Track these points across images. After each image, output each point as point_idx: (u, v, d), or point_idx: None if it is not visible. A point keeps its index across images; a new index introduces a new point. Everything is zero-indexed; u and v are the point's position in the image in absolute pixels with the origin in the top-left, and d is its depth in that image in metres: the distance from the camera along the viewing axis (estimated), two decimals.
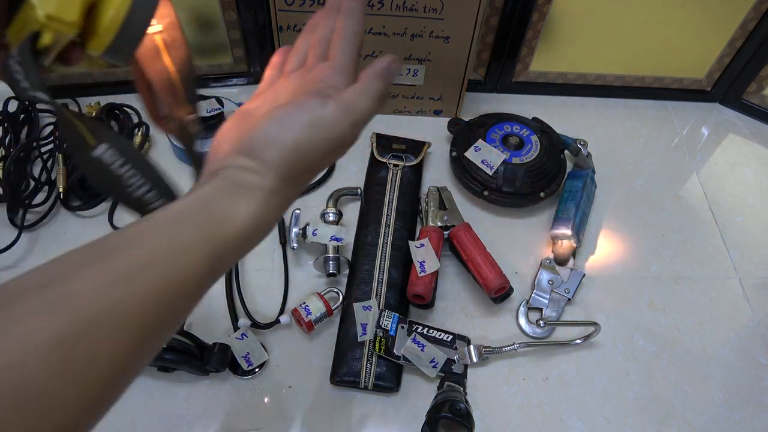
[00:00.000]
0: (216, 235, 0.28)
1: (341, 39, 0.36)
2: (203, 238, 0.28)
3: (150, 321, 0.25)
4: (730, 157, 0.80)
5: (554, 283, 0.64)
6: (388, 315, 0.59)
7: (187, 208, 0.29)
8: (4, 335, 0.21)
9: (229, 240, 0.29)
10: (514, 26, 0.74)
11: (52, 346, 0.22)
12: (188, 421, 0.55)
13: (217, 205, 0.29)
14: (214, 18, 0.73)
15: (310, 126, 0.31)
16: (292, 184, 0.32)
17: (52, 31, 0.30)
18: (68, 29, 0.30)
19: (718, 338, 0.63)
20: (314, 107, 0.31)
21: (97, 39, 0.32)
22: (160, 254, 0.26)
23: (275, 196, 0.31)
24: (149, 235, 0.27)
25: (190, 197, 0.30)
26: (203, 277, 0.28)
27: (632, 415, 0.58)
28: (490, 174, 0.68)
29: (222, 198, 0.30)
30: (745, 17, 0.73)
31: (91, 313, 0.23)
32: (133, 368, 0.25)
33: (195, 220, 0.28)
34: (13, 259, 0.64)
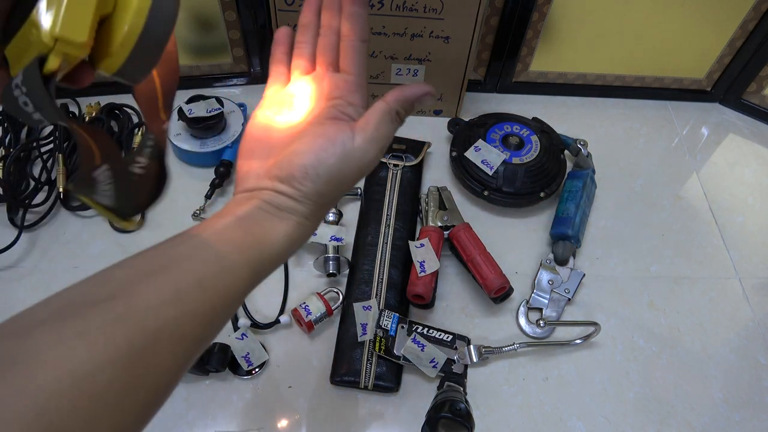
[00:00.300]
0: (256, 256, 0.31)
1: (351, 49, 0.37)
2: (245, 259, 0.30)
3: (200, 333, 0.28)
4: (730, 157, 0.80)
5: (554, 283, 0.64)
6: (388, 315, 0.59)
7: (231, 229, 0.31)
8: (79, 345, 0.22)
9: (266, 259, 0.31)
10: (514, 26, 0.74)
11: (123, 359, 0.23)
12: (188, 421, 0.55)
13: (258, 228, 0.32)
14: (214, 18, 0.73)
15: (343, 159, 0.33)
16: (324, 207, 0.35)
17: (59, 54, 0.26)
18: (78, 51, 0.27)
19: (718, 338, 0.63)
20: (345, 141, 0.33)
21: (110, 59, 0.29)
22: (209, 274, 0.28)
23: (309, 219, 0.34)
24: (199, 254, 0.29)
25: (232, 216, 0.32)
26: (244, 292, 0.31)
27: (632, 415, 0.58)
28: (490, 174, 0.68)
29: (262, 221, 0.32)
30: (745, 17, 0.73)
31: (154, 328, 0.25)
32: (182, 376, 0.28)
33: (238, 242, 0.30)
34: (13, 259, 0.64)
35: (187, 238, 0.30)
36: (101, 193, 0.32)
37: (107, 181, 0.32)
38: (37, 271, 0.64)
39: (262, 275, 0.32)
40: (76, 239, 0.66)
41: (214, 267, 0.29)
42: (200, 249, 0.29)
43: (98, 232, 0.67)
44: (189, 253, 0.29)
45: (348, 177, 0.34)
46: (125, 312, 0.24)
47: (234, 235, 0.31)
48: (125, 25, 0.28)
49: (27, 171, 0.69)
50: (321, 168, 0.33)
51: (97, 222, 0.68)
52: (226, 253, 0.30)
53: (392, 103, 0.35)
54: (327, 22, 0.38)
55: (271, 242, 0.32)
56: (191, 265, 0.28)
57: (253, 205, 0.32)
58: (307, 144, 0.34)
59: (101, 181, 0.31)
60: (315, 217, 0.34)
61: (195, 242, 0.30)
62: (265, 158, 0.35)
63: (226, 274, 0.29)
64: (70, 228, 0.67)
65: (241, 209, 0.32)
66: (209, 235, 0.30)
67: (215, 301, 0.28)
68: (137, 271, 0.27)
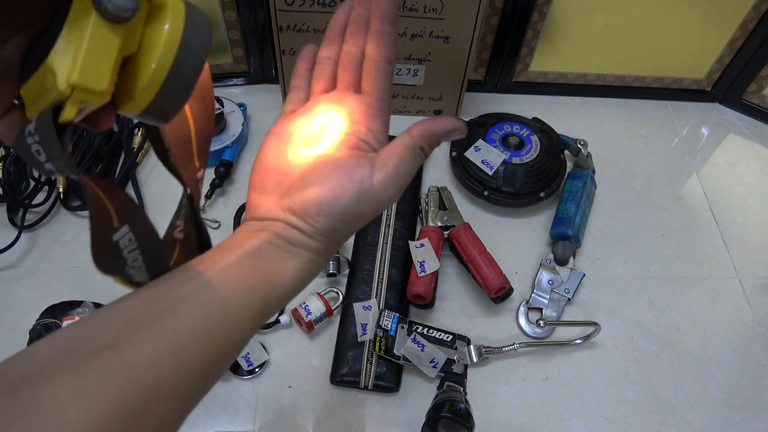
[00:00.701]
0: (264, 296, 0.29)
1: (376, 71, 0.34)
2: (252, 300, 0.28)
3: (200, 385, 0.26)
4: (730, 157, 0.80)
5: (554, 283, 0.64)
6: (388, 315, 0.59)
7: (239, 266, 0.29)
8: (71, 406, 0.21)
9: (274, 298, 0.30)
10: (514, 26, 0.74)
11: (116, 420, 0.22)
12: (188, 421, 0.55)
13: (268, 265, 0.30)
14: (214, 18, 0.73)
15: (360, 196, 0.31)
16: (337, 243, 0.33)
17: (76, 102, 0.24)
18: (97, 100, 0.24)
19: (718, 338, 0.63)
20: (363, 178, 0.31)
21: (133, 101, 0.26)
22: (213, 319, 0.27)
23: (321, 255, 0.32)
24: (203, 295, 0.27)
25: (241, 251, 0.29)
26: (247, 336, 0.29)
27: (632, 415, 0.58)
28: (490, 174, 0.68)
29: (272, 257, 0.30)
30: (745, 17, 0.73)
31: (151, 382, 0.24)
32: (184, 419, 0.27)
33: (246, 281, 0.29)
34: (13, 259, 0.64)
35: (191, 276, 0.28)
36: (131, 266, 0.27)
37: (132, 247, 0.27)
38: (37, 271, 0.64)
39: (267, 316, 0.30)
40: (76, 239, 0.66)
41: (218, 311, 0.27)
42: (205, 289, 0.27)
43: None
44: (192, 294, 0.27)
45: (364, 215, 0.31)
46: (123, 365, 0.23)
47: (242, 273, 0.29)
48: (151, 66, 0.25)
49: (27, 171, 0.69)
50: (336, 205, 0.30)
51: None
52: (233, 294, 0.28)
53: (417, 138, 0.32)
54: (352, 39, 0.35)
55: (281, 280, 0.30)
56: (194, 310, 0.26)
57: (263, 238, 0.30)
58: (323, 177, 0.31)
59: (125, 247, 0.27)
60: (327, 252, 0.32)
61: (199, 281, 0.28)
62: (277, 187, 0.33)
63: (230, 318, 0.27)
64: (70, 228, 0.67)
65: (251, 243, 0.30)
66: (216, 272, 0.28)
67: (217, 349, 0.27)
68: (138, 316, 0.25)
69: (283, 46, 0.70)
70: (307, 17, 0.67)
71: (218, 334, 0.27)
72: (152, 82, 0.25)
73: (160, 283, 0.27)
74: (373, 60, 0.34)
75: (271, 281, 0.30)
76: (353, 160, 0.32)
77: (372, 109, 0.34)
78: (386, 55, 0.34)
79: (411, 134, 0.32)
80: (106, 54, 0.24)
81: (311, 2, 0.65)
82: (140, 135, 0.73)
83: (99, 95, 0.24)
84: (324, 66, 0.36)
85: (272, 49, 0.75)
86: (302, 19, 0.67)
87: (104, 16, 0.23)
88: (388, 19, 0.33)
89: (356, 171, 0.31)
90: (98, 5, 0.23)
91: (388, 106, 0.35)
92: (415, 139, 0.32)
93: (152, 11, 0.25)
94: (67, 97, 0.23)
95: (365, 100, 0.34)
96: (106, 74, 0.24)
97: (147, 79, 0.25)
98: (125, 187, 0.70)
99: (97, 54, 0.23)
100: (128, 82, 0.26)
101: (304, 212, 0.31)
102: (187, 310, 0.26)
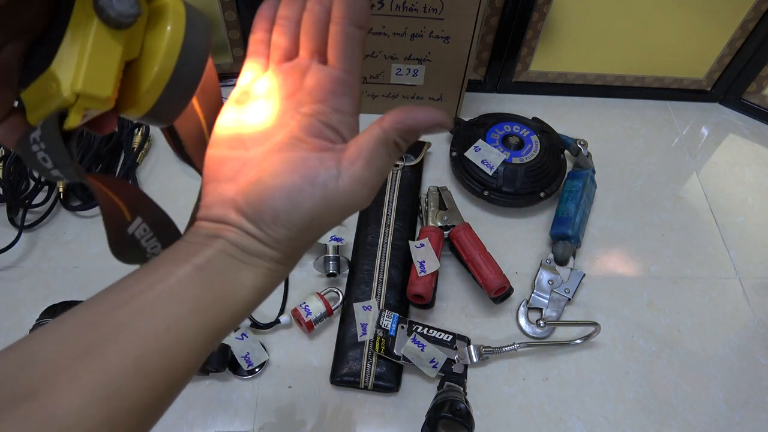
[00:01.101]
0: (215, 316, 0.25)
1: (343, 36, 0.28)
2: (202, 323, 0.25)
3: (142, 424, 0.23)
4: (730, 157, 0.80)
5: (554, 283, 0.64)
6: (388, 315, 0.59)
7: (187, 284, 0.25)
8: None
9: (227, 318, 0.26)
10: (514, 26, 0.74)
11: None
12: (188, 421, 0.55)
13: (221, 280, 0.26)
14: (214, 18, 0.73)
15: (324, 203, 0.26)
16: (300, 250, 0.29)
17: (81, 109, 0.24)
18: (101, 106, 0.24)
19: (718, 338, 0.63)
20: (328, 181, 0.26)
21: (135, 105, 0.26)
22: (154, 350, 0.23)
23: (282, 264, 0.28)
24: (143, 322, 0.23)
25: (190, 266, 0.25)
26: (196, 365, 0.25)
27: (632, 415, 0.58)
28: (490, 174, 0.68)
29: (226, 270, 0.26)
30: (745, 17, 0.73)
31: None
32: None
33: (194, 303, 0.25)
34: (13, 259, 0.64)
35: (129, 297, 0.24)
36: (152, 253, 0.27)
37: (149, 236, 0.27)
38: (37, 271, 0.64)
39: (219, 338, 0.26)
40: (76, 239, 0.66)
41: (160, 340, 0.23)
42: (145, 315, 0.24)
43: (98, 232, 0.67)
44: (130, 320, 0.23)
45: (329, 222, 0.27)
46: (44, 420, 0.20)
47: (190, 292, 0.25)
48: (153, 70, 0.25)
49: (27, 171, 0.69)
50: (295, 213, 0.26)
51: (97, 222, 0.68)
52: (179, 317, 0.24)
53: (390, 131, 0.26)
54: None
55: (236, 297, 0.26)
56: (131, 341, 0.23)
57: (215, 248, 0.26)
58: (279, 179, 0.26)
59: (142, 237, 0.27)
60: (289, 260, 0.28)
61: (139, 304, 0.24)
62: (231, 180, 0.28)
63: (175, 347, 0.24)
64: (70, 228, 0.67)
65: (202, 253, 0.26)
66: (159, 292, 0.24)
67: (159, 386, 0.23)
68: (67, 350, 0.22)
69: None
70: None
71: (161, 368, 0.23)
72: (155, 86, 0.25)
73: (93, 304, 0.24)
74: (340, 23, 0.28)
75: (224, 299, 0.26)
76: (315, 156, 0.27)
77: (338, 85, 0.28)
78: (356, 16, 0.28)
79: (383, 125, 0.27)
80: (109, 61, 0.24)
81: None
82: (140, 135, 0.73)
83: (103, 102, 0.24)
84: (284, 27, 0.30)
85: None
86: None
87: (106, 22, 0.23)
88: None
89: (319, 173, 0.26)
90: (100, 12, 0.22)
91: (359, 81, 0.29)
92: (387, 131, 0.26)
93: (152, 15, 0.25)
94: (72, 104, 0.23)
95: (331, 74, 0.28)
96: (109, 81, 0.24)
97: (149, 83, 0.25)
98: None
99: (100, 61, 0.23)
100: (131, 86, 0.25)
101: (259, 218, 0.26)
102: (123, 341, 0.23)
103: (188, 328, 0.24)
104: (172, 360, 0.24)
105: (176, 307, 0.24)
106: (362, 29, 0.29)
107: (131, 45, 0.25)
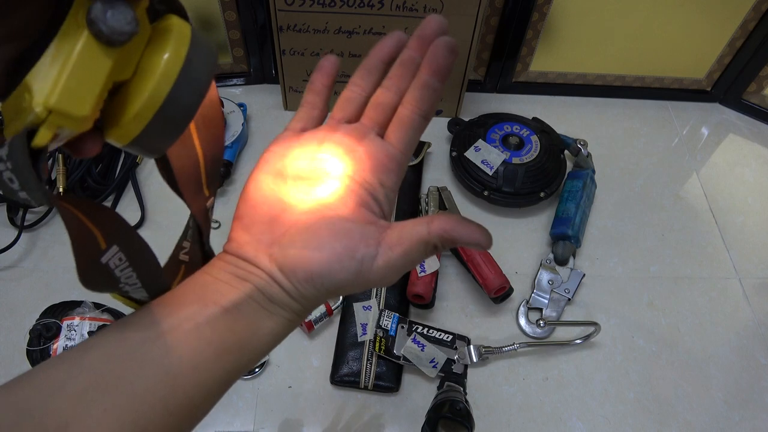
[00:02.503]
0: (235, 360, 0.27)
1: (409, 123, 0.30)
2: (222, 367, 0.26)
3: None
4: (730, 157, 0.80)
5: (554, 283, 0.64)
6: (388, 315, 0.59)
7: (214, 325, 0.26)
8: None
9: (244, 363, 0.27)
10: (514, 26, 0.74)
11: None
12: None
13: (244, 326, 0.27)
14: (214, 18, 0.73)
15: (355, 276, 0.27)
16: (315, 307, 0.30)
17: (52, 127, 0.21)
18: (76, 126, 0.22)
19: (718, 338, 0.63)
20: (365, 259, 0.27)
21: (119, 131, 0.23)
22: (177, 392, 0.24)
23: (300, 316, 0.29)
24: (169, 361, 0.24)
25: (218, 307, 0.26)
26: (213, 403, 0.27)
27: (632, 415, 0.58)
28: (490, 174, 0.68)
29: (250, 316, 0.27)
30: (745, 17, 0.73)
31: None
32: None
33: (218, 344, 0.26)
34: (13, 259, 0.64)
35: (158, 334, 0.25)
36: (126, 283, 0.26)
37: (124, 265, 0.25)
38: (37, 271, 0.64)
39: (234, 381, 0.27)
40: None
41: (186, 380, 0.24)
42: (173, 353, 0.24)
43: None
44: (159, 357, 0.24)
45: (354, 290, 0.28)
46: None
47: (214, 336, 0.26)
48: (144, 95, 0.23)
49: None
50: (329, 279, 0.27)
51: None
52: (205, 359, 0.25)
53: (434, 236, 0.27)
54: (395, 80, 0.31)
55: (256, 343, 0.27)
56: (159, 379, 0.24)
57: (243, 293, 0.27)
58: (321, 244, 0.27)
59: (116, 267, 0.25)
60: (305, 314, 0.29)
61: (167, 341, 0.24)
62: (267, 227, 0.29)
63: (199, 387, 0.25)
64: None
65: (230, 296, 0.27)
66: (188, 331, 0.25)
67: (181, 424, 0.24)
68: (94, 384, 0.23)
69: (283, 46, 0.70)
70: (307, 17, 0.67)
71: (182, 407, 0.24)
72: (143, 112, 0.23)
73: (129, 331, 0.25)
74: (410, 111, 0.30)
75: (245, 345, 0.27)
76: (359, 229, 0.28)
77: (392, 162, 0.30)
78: (426, 109, 0.30)
79: (430, 229, 0.28)
80: (93, 78, 0.21)
81: (311, 2, 0.65)
82: None
83: (78, 122, 0.21)
84: (353, 92, 0.32)
85: (272, 49, 0.75)
86: (302, 19, 0.67)
87: (97, 37, 0.21)
88: (441, 73, 0.29)
89: (359, 248, 0.27)
90: (92, 25, 0.20)
91: (407, 163, 0.31)
92: (432, 235, 0.28)
93: (155, 35, 0.23)
94: (42, 121, 0.21)
95: (387, 149, 0.30)
96: (89, 100, 0.21)
97: (138, 108, 0.23)
98: (125, 187, 0.70)
99: (82, 77, 0.21)
100: (118, 110, 0.23)
101: (292, 274, 0.27)
102: (147, 380, 0.24)
103: (211, 370, 0.25)
104: (194, 399, 0.25)
105: (203, 348, 0.25)
106: (427, 120, 0.31)
107: (124, 64, 0.23)
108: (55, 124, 0.21)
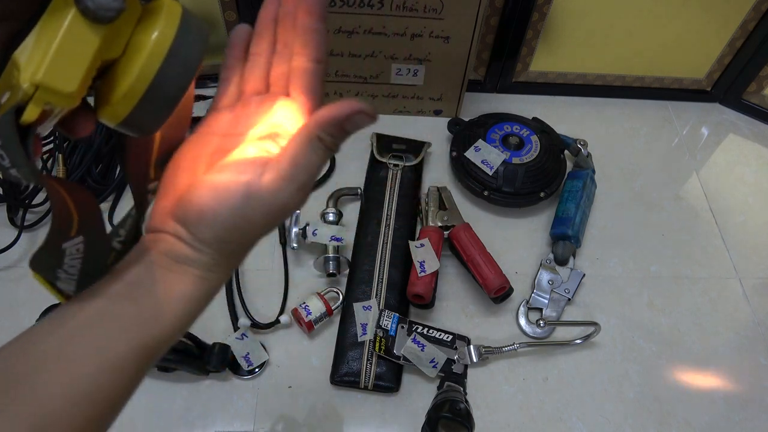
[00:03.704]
0: (148, 336, 0.25)
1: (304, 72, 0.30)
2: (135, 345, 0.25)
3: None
4: (730, 157, 0.80)
5: (554, 283, 0.64)
6: (388, 315, 0.59)
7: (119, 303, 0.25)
8: None
9: (160, 337, 0.26)
10: (514, 26, 0.74)
11: None
12: (188, 421, 0.55)
13: (151, 295, 0.26)
14: (214, 18, 0.73)
15: (247, 199, 0.26)
16: (231, 256, 0.28)
17: (40, 103, 0.21)
18: (64, 102, 0.22)
19: (718, 338, 0.63)
20: (251, 178, 0.26)
21: (110, 109, 0.24)
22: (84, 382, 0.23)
23: (213, 271, 0.28)
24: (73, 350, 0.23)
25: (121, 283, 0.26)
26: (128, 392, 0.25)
27: (632, 415, 0.58)
28: (490, 174, 0.68)
29: (155, 284, 0.26)
30: (745, 17, 0.73)
31: None
32: None
33: (126, 322, 0.25)
34: (13, 259, 0.64)
35: (60, 323, 0.24)
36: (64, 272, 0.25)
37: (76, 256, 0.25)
38: None
39: (155, 357, 0.26)
40: None
41: (89, 364, 0.23)
42: (74, 340, 0.23)
43: None
44: (58, 347, 0.23)
45: (256, 222, 0.27)
46: None
47: (120, 311, 0.25)
48: (133, 73, 0.23)
49: None
50: (219, 211, 0.26)
51: None
52: (110, 342, 0.24)
53: (313, 128, 0.26)
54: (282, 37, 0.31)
55: (168, 311, 0.26)
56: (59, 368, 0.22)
57: (147, 260, 0.26)
58: (208, 183, 0.27)
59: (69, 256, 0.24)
60: (221, 268, 0.28)
61: (68, 329, 0.24)
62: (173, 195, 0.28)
63: (106, 376, 0.23)
64: None
65: (133, 268, 0.26)
66: (89, 313, 0.24)
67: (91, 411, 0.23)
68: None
69: None
70: None
71: (89, 394, 0.23)
72: (132, 91, 0.23)
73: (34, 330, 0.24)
74: (302, 60, 0.30)
75: (156, 314, 0.26)
76: (248, 160, 0.27)
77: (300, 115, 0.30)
78: (315, 54, 0.30)
79: (307, 123, 0.27)
80: (80, 55, 0.22)
81: None
82: None
83: (65, 98, 0.22)
84: (256, 62, 0.32)
85: None
86: None
87: (84, 14, 0.21)
88: (314, 13, 0.29)
89: (245, 171, 0.27)
90: (78, 2, 0.21)
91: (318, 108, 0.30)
92: (310, 128, 0.27)
93: (145, 14, 0.24)
94: (30, 97, 0.21)
95: (286, 107, 0.30)
96: (76, 76, 0.22)
97: (127, 87, 0.23)
98: (125, 187, 0.70)
99: (69, 53, 0.21)
100: (109, 89, 0.23)
101: (187, 221, 0.27)
102: (47, 373, 0.22)
103: (119, 355, 0.24)
104: (102, 384, 0.24)
105: (108, 329, 0.24)
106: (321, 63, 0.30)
107: (112, 42, 0.23)
108: (42, 100, 0.21)
